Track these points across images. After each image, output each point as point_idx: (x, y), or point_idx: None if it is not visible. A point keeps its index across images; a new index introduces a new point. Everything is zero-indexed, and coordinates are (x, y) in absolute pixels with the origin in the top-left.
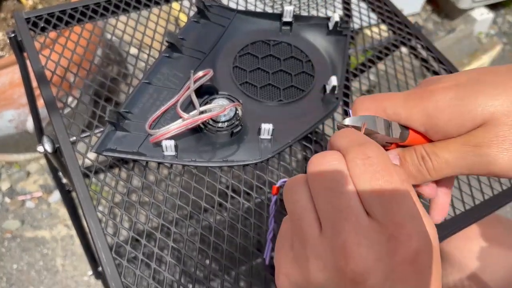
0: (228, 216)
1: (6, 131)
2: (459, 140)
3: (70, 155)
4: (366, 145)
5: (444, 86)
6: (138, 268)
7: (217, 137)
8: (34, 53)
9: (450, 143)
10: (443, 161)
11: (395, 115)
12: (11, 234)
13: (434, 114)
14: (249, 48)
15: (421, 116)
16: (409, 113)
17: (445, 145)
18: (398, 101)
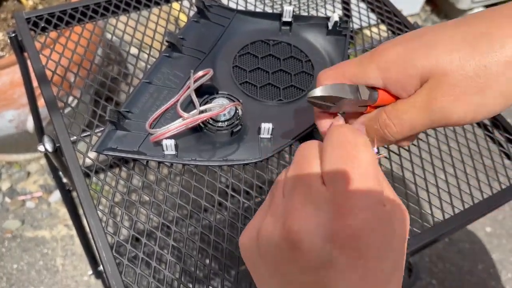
0: (228, 215)
1: (6, 131)
2: (412, 100)
3: (70, 155)
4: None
5: (393, 43)
6: (139, 267)
7: (217, 136)
8: (34, 53)
9: (407, 104)
10: (404, 124)
11: (354, 76)
12: (11, 234)
13: (385, 67)
14: (249, 48)
15: (375, 71)
16: (364, 71)
17: (404, 107)
18: (353, 63)
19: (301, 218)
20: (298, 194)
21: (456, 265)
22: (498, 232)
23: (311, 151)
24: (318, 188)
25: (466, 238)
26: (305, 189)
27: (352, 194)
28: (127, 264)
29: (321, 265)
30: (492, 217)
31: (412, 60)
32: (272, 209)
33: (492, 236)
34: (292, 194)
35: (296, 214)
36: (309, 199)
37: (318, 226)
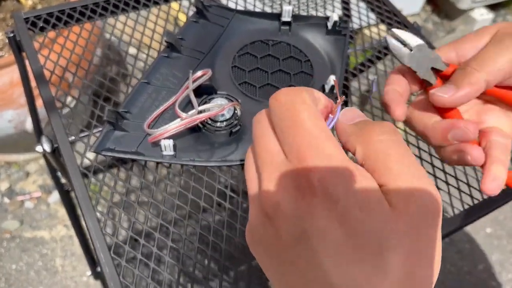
0: (227, 216)
1: (5, 131)
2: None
3: (68, 155)
4: (278, 91)
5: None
6: (137, 268)
7: (215, 136)
8: (33, 53)
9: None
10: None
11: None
12: (10, 234)
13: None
14: (248, 48)
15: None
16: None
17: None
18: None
19: (271, 191)
20: (264, 170)
21: (455, 266)
22: (499, 233)
23: (263, 127)
24: (278, 161)
25: (466, 239)
26: (268, 164)
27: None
28: (125, 265)
29: (300, 232)
30: (492, 218)
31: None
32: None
33: (492, 237)
34: (259, 172)
35: (266, 188)
36: (273, 171)
37: (284, 193)
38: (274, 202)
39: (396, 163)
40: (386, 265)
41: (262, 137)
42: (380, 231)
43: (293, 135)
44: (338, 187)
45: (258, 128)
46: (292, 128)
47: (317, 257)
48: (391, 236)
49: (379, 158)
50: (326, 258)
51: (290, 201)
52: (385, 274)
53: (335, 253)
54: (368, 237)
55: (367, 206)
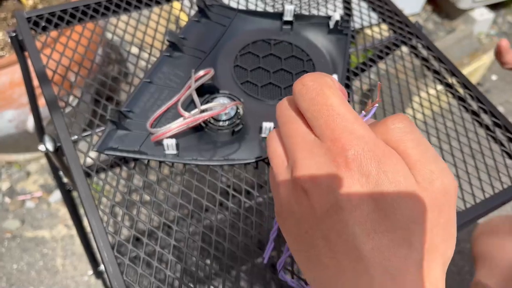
0: (229, 215)
1: (6, 131)
2: None
3: (71, 154)
4: (303, 77)
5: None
6: (140, 267)
7: (218, 135)
8: (35, 53)
9: None
10: None
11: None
12: (11, 234)
13: None
14: (250, 47)
15: None
16: None
17: None
18: None
19: (305, 168)
20: (296, 150)
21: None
22: None
23: (291, 112)
24: (310, 139)
25: (467, 238)
26: (300, 144)
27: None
28: (128, 264)
29: (333, 204)
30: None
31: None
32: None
33: None
34: (292, 152)
35: (301, 166)
36: (305, 149)
37: (318, 171)
38: (311, 176)
39: (414, 149)
40: (412, 237)
41: (291, 121)
42: (408, 206)
43: (325, 118)
44: (371, 164)
45: (285, 114)
46: (324, 111)
47: (348, 228)
48: (418, 210)
49: (398, 145)
50: (356, 229)
51: (326, 175)
52: (412, 246)
53: (366, 224)
54: (397, 210)
55: (397, 181)
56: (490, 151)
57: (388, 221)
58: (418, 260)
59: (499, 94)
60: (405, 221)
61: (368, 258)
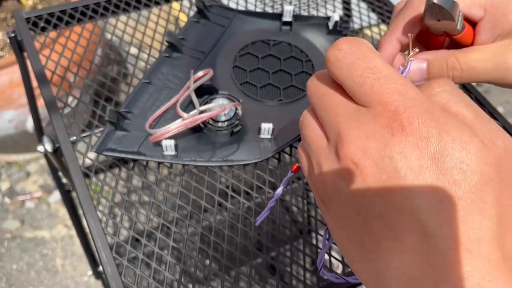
0: (228, 216)
1: (5, 131)
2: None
3: (70, 155)
4: (337, 42)
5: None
6: (138, 268)
7: (217, 136)
8: (34, 53)
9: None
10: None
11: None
12: (11, 234)
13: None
14: (249, 48)
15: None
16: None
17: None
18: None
19: (354, 138)
20: (343, 123)
21: None
22: None
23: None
24: (353, 108)
25: None
26: (343, 115)
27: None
28: (127, 265)
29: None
30: None
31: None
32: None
33: None
34: (338, 126)
35: (351, 140)
36: (350, 119)
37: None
38: (361, 146)
39: (468, 110)
40: (482, 201)
41: (327, 94)
42: (478, 167)
43: (371, 82)
44: (431, 125)
45: (319, 89)
46: (369, 75)
47: (411, 200)
48: (486, 169)
49: (450, 107)
50: (421, 201)
51: (379, 143)
52: (482, 212)
53: (431, 194)
54: (466, 173)
55: (463, 141)
56: None
57: (457, 187)
58: (493, 229)
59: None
60: (475, 185)
61: (437, 234)
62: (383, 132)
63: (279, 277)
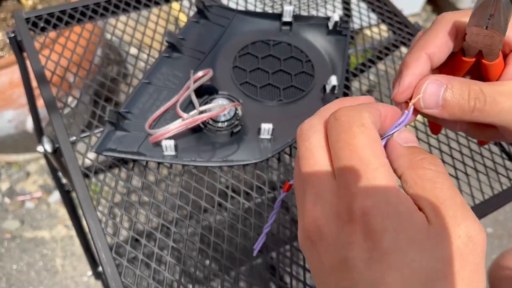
0: (228, 216)
1: (5, 131)
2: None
3: (70, 155)
4: (339, 109)
5: None
6: (138, 268)
7: (217, 137)
8: (34, 53)
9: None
10: (497, 107)
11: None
12: (11, 234)
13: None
14: (249, 48)
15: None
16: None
17: (505, 84)
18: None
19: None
20: (309, 194)
21: None
22: (499, 233)
23: (312, 139)
24: (326, 185)
25: None
26: (314, 190)
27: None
28: (126, 265)
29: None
30: (493, 218)
31: None
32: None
33: (493, 237)
34: (304, 195)
35: (308, 216)
36: (319, 198)
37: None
38: (317, 227)
39: (443, 192)
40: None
41: (312, 152)
42: (427, 264)
43: (345, 159)
44: (383, 222)
45: (309, 143)
46: (345, 151)
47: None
48: (438, 266)
49: (426, 186)
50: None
51: (332, 229)
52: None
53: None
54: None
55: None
56: (490, 152)
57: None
58: None
59: None
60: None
61: None
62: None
63: (279, 277)
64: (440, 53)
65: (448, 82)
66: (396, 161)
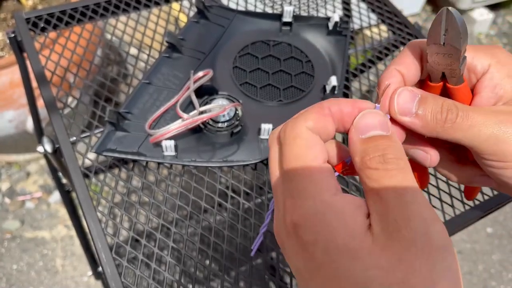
0: (228, 216)
1: (6, 131)
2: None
3: (70, 156)
4: (284, 124)
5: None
6: (138, 268)
7: (217, 137)
8: (34, 53)
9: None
10: (469, 121)
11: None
12: (11, 234)
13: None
14: (249, 49)
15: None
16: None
17: (478, 108)
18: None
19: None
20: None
21: None
22: (499, 233)
23: (272, 151)
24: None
25: (467, 239)
26: (276, 198)
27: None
28: (126, 266)
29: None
30: (493, 218)
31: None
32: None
33: (493, 237)
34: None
35: (274, 221)
36: (277, 207)
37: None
38: (277, 235)
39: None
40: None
41: (271, 163)
42: (361, 274)
43: (283, 172)
44: (312, 233)
45: (270, 153)
46: (282, 164)
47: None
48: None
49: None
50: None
51: (283, 239)
52: None
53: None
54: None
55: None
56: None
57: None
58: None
59: None
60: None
61: None
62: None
63: (279, 277)
64: (409, 71)
65: (422, 93)
66: (353, 158)
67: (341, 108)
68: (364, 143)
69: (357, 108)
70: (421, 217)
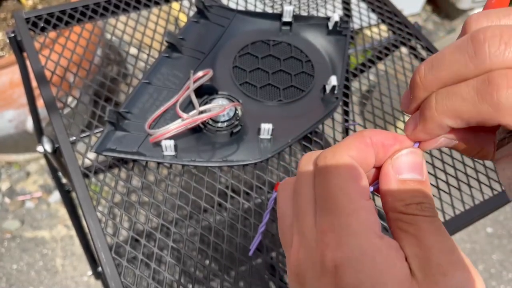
0: (228, 216)
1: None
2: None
3: (69, 155)
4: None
5: None
6: (138, 268)
7: (216, 137)
8: (33, 53)
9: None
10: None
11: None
12: (11, 234)
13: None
14: (249, 48)
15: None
16: None
17: None
18: None
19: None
20: (296, 234)
21: None
22: (499, 233)
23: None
24: (310, 228)
25: (467, 239)
26: (301, 229)
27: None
28: (126, 265)
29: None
30: (493, 218)
31: None
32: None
33: (493, 237)
34: (291, 230)
35: (293, 256)
36: (304, 240)
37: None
38: (301, 271)
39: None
40: None
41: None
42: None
43: (321, 205)
44: (357, 276)
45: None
46: (321, 196)
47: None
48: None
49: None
50: None
51: (312, 276)
52: None
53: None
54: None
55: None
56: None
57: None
58: None
59: None
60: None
61: None
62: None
63: (279, 277)
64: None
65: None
66: (384, 197)
67: (382, 140)
68: (401, 184)
69: (399, 142)
70: (464, 262)
